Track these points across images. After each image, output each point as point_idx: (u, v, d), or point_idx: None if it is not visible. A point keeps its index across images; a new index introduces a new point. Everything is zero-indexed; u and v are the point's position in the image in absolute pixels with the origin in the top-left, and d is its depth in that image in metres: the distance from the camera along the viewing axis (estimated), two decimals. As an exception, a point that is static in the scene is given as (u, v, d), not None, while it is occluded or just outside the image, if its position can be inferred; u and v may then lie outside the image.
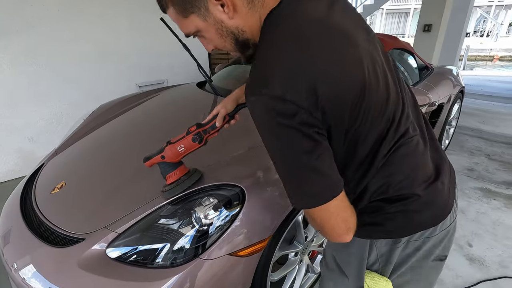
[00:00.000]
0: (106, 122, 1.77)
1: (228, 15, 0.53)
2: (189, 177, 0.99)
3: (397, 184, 0.59)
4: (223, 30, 0.55)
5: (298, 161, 0.50)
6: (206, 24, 0.55)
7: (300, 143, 0.49)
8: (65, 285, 0.91)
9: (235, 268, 0.96)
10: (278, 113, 0.47)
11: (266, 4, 0.54)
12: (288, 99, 0.46)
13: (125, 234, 0.97)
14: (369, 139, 0.55)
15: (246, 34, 0.56)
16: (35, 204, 1.22)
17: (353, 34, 0.54)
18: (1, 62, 2.34)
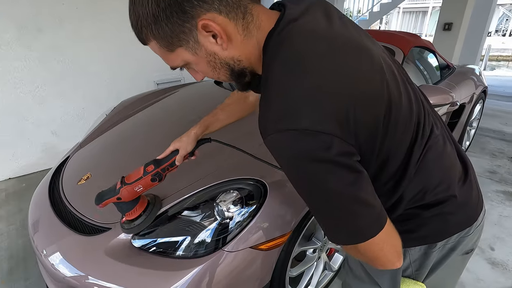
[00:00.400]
0: (127, 117, 1.82)
1: (222, 47, 0.47)
2: (151, 211, 0.95)
3: (433, 189, 0.57)
4: (216, 62, 0.49)
5: (340, 196, 0.44)
6: (196, 58, 0.48)
7: (340, 177, 0.43)
8: (91, 272, 0.95)
9: (256, 261, 0.97)
10: (310, 149, 0.41)
11: (263, 27, 0.49)
12: (319, 130, 0.41)
13: (150, 225, 1.00)
14: (400, 150, 0.53)
15: (243, 63, 0.51)
16: (62, 194, 1.28)
17: (364, 44, 0.51)
18: (30, 59, 2.44)
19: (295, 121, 0.42)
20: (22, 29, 2.35)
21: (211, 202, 1.00)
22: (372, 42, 0.56)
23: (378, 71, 0.49)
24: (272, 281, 1.07)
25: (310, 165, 0.43)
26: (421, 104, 0.58)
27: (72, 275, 0.96)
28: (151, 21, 0.44)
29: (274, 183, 1.01)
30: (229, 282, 0.94)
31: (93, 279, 0.94)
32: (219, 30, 0.45)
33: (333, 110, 0.42)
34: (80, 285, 0.95)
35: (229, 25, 0.46)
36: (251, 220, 0.96)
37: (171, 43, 0.46)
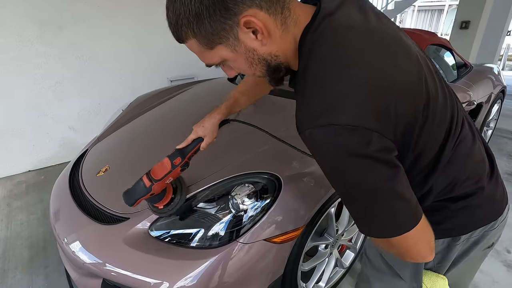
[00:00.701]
0: (143, 112, 1.86)
1: (262, 42, 0.48)
2: (181, 190, 0.99)
3: (463, 182, 0.58)
4: (254, 58, 0.50)
5: (378, 191, 0.45)
6: (235, 54, 0.49)
7: (378, 172, 0.44)
8: (109, 259, 0.99)
9: (269, 253, 0.99)
10: (350, 144, 0.42)
11: (299, 22, 0.49)
12: (359, 125, 0.41)
13: (166, 216, 1.03)
14: (434, 144, 0.54)
15: (280, 59, 0.51)
16: (82, 185, 1.32)
17: (401, 39, 0.51)
18: (50, 56, 2.52)
19: (336, 116, 0.42)
20: (43, 27, 2.43)
21: (226, 195, 1.02)
22: (406, 37, 0.56)
23: (416, 65, 0.50)
24: (284, 274, 1.09)
25: (349, 160, 0.43)
26: (454, 99, 0.59)
27: (91, 262, 1.00)
28: (193, 19, 0.44)
29: (288, 177, 1.02)
30: (243, 273, 0.96)
31: (111, 266, 0.97)
32: (260, 26, 0.45)
33: (373, 105, 0.43)
34: (99, 272, 0.99)
35: (269, 21, 0.46)
36: (265, 213, 0.97)
37: (211, 40, 0.47)
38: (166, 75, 3.24)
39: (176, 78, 3.28)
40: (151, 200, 0.95)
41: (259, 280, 1.00)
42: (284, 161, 1.08)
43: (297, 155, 1.10)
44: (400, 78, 0.46)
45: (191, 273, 0.92)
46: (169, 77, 3.25)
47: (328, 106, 0.43)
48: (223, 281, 0.94)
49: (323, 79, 0.45)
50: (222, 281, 0.93)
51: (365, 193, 0.46)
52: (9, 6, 2.26)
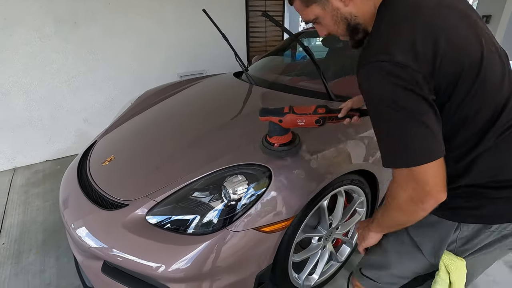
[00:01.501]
0: (150, 106, 1.93)
1: (344, 3, 0.62)
2: (295, 146, 1.06)
3: (508, 171, 0.59)
4: (338, 16, 0.64)
5: (413, 118, 0.54)
6: (324, 12, 0.65)
7: (416, 103, 0.53)
8: (110, 243, 1.05)
9: (259, 242, 1.02)
10: (398, 78, 0.52)
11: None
12: (409, 65, 0.52)
13: (163, 203, 1.08)
14: (484, 113, 0.57)
15: (358, 19, 0.64)
16: (89, 174, 1.40)
17: (470, 14, 0.59)
18: (66, 51, 2.64)
19: (392, 55, 0.53)
20: (60, 23, 2.55)
21: (218, 185, 1.06)
22: (477, 17, 0.61)
23: (475, 34, 0.56)
24: (275, 263, 1.12)
25: (394, 91, 0.53)
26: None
27: (94, 246, 1.07)
28: None
29: (279, 169, 1.05)
30: (233, 259, 1.00)
31: (110, 249, 1.04)
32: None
33: (424, 52, 0.52)
34: (100, 254, 1.06)
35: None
36: (255, 203, 1.01)
37: (308, 0, 0.65)
38: (176, 70, 3.32)
39: (186, 74, 3.35)
40: (273, 129, 1.01)
41: (249, 267, 1.04)
42: (276, 155, 1.10)
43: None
44: (451, 32, 0.55)
45: (184, 258, 0.97)
46: (179, 72, 3.32)
47: (385, 46, 0.55)
48: (213, 266, 0.98)
49: (389, 29, 0.57)
50: (212, 266, 0.98)
51: (401, 120, 0.54)
52: (28, 2, 2.38)
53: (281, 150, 1.05)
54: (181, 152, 1.30)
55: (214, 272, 0.99)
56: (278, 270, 1.14)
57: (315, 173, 1.09)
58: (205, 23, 1.76)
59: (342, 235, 1.41)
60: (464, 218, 0.64)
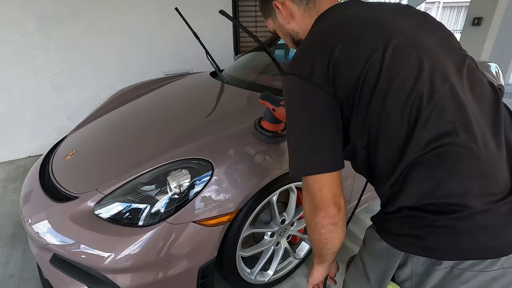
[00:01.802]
0: (123, 103, 1.95)
1: (286, 21, 0.71)
2: (282, 137, 1.13)
3: (444, 189, 0.51)
4: (284, 31, 0.74)
5: (310, 128, 0.58)
6: (275, 26, 0.76)
7: (314, 115, 0.57)
8: (56, 234, 1.07)
9: (199, 235, 1.03)
10: (300, 90, 0.58)
11: (322, 11, 0.67)
12: (310, 79, 0.56)
13: (110, 196, 1.10)
14: (393, 128, 0.54)
15: (300, 35, 0.72)
16: (50, 168, 1.42)
17: (384, 21, 0.58)
18: (49, 49, 2.68)
19: (297, 69, 0.59)
20: (42, 20, 2.58)
21: (164, 179, 1.08)
22: (418, 26, 0.60)
23: (381, 36, 0.56)
24: (221, 257, 1.13)
25: (296, 101, 0.59)
26: (456, 99, 0.53)
27: (44, 238, 1.09)
28: (259, 1, 0.78)
29: (222, 164, 1.06)
30: (173, 252, 1.01)
31: (59, 242, 1.06)
32: (285, 10, 0.69)
33: (320, 66, 0.56)
34: (50, 246, 1.07)
35: (293, 7, 0.69)
36: (195, 196, 1.02)
37: (265, 14, 0.77)
38: (162, 69, 3.34)
39: (171, 73, 3.37)
40: (267, 116, 1.10)
41: (190, 259, 1.05)
42: (219, 148, 1.12)
43: (233, 144, 1.15)
44: (349, 39, 0.57)
45: (123, 250, 0.98)
46: (164, 71, 3.35)
47: (294, 61, 0.62)
48: (154, 258, 1.00)
49: (301, 46, 0.65)
50: (153, 258, 0.99)
51: (293, 125, 0.60)
52: (6, 0, 2.42)
53: (266, 136, 1.12)
54: (135, 147, 1.32)
55: (155, 263, 1.01)
56: (225, 264, 1.16)
57: (259, 168, 1.10)
58: (191, 21, 1.79)
59: (299, 232, 1.42)
60: (407, 247, 0.57)
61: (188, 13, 2.08)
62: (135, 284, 1.00)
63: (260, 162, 1.11)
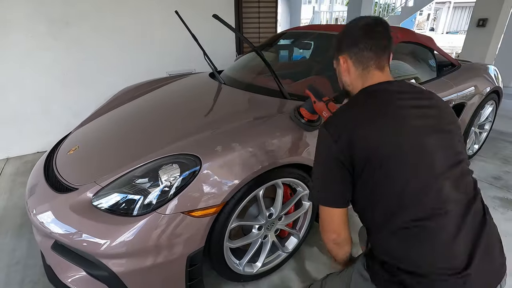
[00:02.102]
0: (124, 102, 2.05)
1: (343, 73, 0.91)
2: (311, 127, 1.30)
3: (413, 259, 0.70)
4: (339, 76, 0.94)
5: (327, 172, 0.81)
6: (336, 68, 0.95)
7: (331, 164, 0.79)
8: (57, 222, 1.16)
9: (188, 225, 1.11)
10: (329, 144, 0.78)
11: (369, 80, 0.85)
12: (336, 140, 0.77)
13: (107, 187, 1.18)
14: (383, 202, 0.75)
15: (349, 88, 0.91)
16: (54, 162, 1.52)
17: (403, 120, 0.76)
18: (58, 49, 2.80)
19: (329, 129, 0.81)
20: (51, 23, 2.70)
21: (156, 172, 1.15)
22: (425, 116, 0.80)
23: (396, 134, 0.74)
24: (209, 248, 1.21)
25: (319, 141, 0.84)
26: (439, 184, 0.72)
27: (46, 226, 1.17)
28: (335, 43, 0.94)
29: (209, 159, 1.13)
30: (163, 240, 1.08)
31: (60, 230, 1.15)
32: (345, 65, 0.89)
33: (345, 136, 0.77)
34: (52, 233, 1.16)
35: (352, 67, 0.87)
36: (184, 189, 1.10)
37: (334, 54, 0.95)
38: (165, 69, 3.44)
39: (175, 73, 3.46)
40: (306, 104, 1.28)
41: (179, 248, 1.12)
42: (209, 146, 1.19)
43: (222, 141, 1.22)
44: (368, 133, 0.75)
45: (117, 237, 1.06)
46: (168, 71, 3.44)
47: (329, 121, 0.84)
48: (145, 245, 1.07)
49: (340, 109, 0.87)
50: (144, 245, 1.07)
51: (316, 166, 0.85)
52: (22, 4, 2.54)
53: (300, 121, 1.30)
54: (132, 143, 1.41)
55: (146, 250, 1.08)
56: (213, 254, 1.23)
57: (246, 164, 1.17)
58: (194, 21, 1.88)
59: (287, 226, 1.48)
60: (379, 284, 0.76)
61: (190, 14, 2.16)
62: (128, 269, 1.08)
63: (247, 158, 1.18)
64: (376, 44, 0.83)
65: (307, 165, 1.34)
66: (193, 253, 1.15)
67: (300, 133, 1.32)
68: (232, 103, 1.74)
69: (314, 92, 1.23)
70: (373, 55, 0.83)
